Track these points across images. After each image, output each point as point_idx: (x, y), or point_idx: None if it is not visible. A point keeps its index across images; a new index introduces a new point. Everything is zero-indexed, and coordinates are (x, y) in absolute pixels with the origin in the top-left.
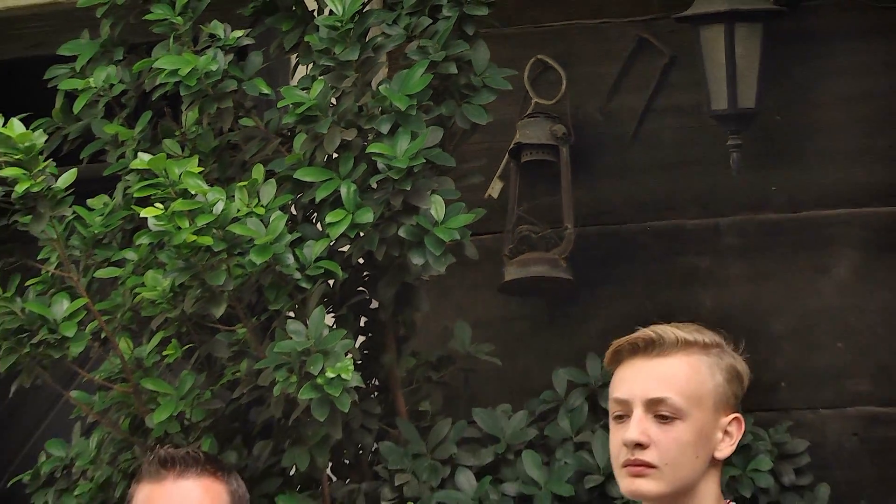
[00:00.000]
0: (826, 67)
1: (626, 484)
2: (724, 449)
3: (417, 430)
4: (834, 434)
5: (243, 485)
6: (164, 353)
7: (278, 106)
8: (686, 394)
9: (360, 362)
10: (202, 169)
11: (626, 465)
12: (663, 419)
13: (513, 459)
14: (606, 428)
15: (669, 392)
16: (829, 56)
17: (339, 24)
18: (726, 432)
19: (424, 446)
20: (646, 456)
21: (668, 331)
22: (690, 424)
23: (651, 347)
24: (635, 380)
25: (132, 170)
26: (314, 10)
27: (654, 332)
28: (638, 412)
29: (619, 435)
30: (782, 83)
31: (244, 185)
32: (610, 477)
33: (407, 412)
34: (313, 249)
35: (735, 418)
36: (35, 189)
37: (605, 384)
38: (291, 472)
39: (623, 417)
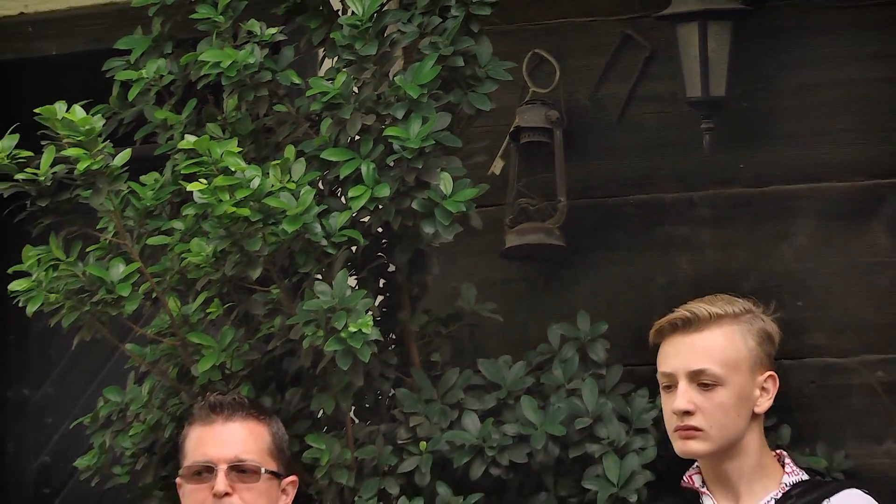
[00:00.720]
0: (787, 60)
1: (679, 446)
2: (763, 404)
3: (429, 378)
4: (794, 382)
5: (283, 427)
6: (208, 310)
7: (307, 94)
8: (723, 362)
9: (378, 319)
10: (241, 149)
11: (677, 429)
12: (705, 387)
13: (513, 404)
14: (595, 377)
15: (708, 363)
16: (790, 50)
17: (359, 23)
18: (763, 388)
19: (435, 392)
20: (693, 421)
21: (702, 308)
22: (730, 388)
23: (688, 325)
24: (677, 355)
25: (179, 150)
26: (338, 10)
27: (689, 310)
28: (682, 383)
29: (669, 404)
30: (749, 74)
31: (277, 164)
32: (598, 419)
33: (420, 362)
34: (338, 220)
35: (770, 375)
36: (95, 167)
37: (595, 338)
38: (319, 415)
39: (670, 388)
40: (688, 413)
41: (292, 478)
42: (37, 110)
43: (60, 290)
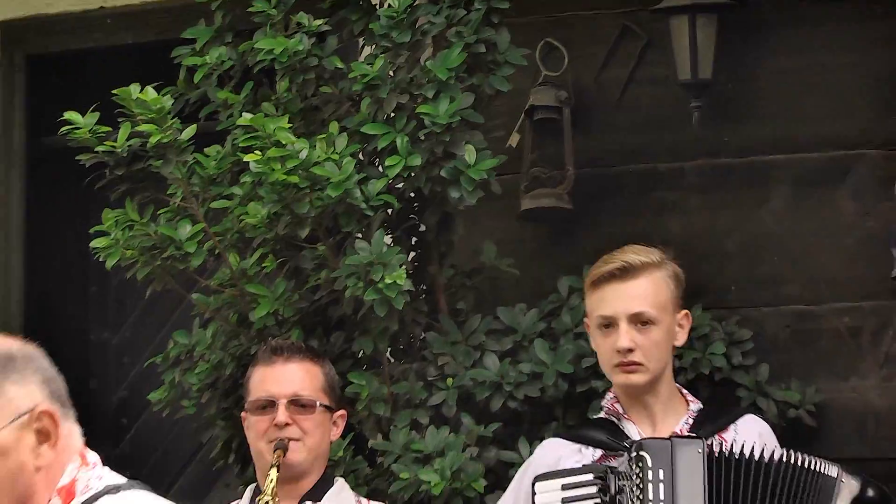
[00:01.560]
0: (766, 48)
1: (622, 379)
2: (681, 338)
3: (455, 323)
4: (771, 326)
5: (333, 368)
6: (263, 265)
7: (349, 77)
8: (655, 304)
9: (410, 272)
10: (291, 125)
11: (619, 365)
12: (643, 325)
13: (527, 346)
14: None
15: (645, 306)
16: (769, 39)
17: (395, 15)
18: (680, 325)
19: (460, 335)
20: (634, 357)
21: (633, 257)
22: (661, 327)
23: (624, 273)
24: (617, 300)
25: (238, 126)
26: (376, 4)
27: (624, 260)
28: (623, 325)
29: (609, 343)
30: (733, 59)
31: (323, 138)
32: None
33: (447, 310)
34: (375, 186)
35: (685, 313)
36: (165, 140)
37: None
38: (360, 356)
39: (609, 327)
40: (630, 350)
41: (342, 412)
42: (114, 91)
43: (135, 248)
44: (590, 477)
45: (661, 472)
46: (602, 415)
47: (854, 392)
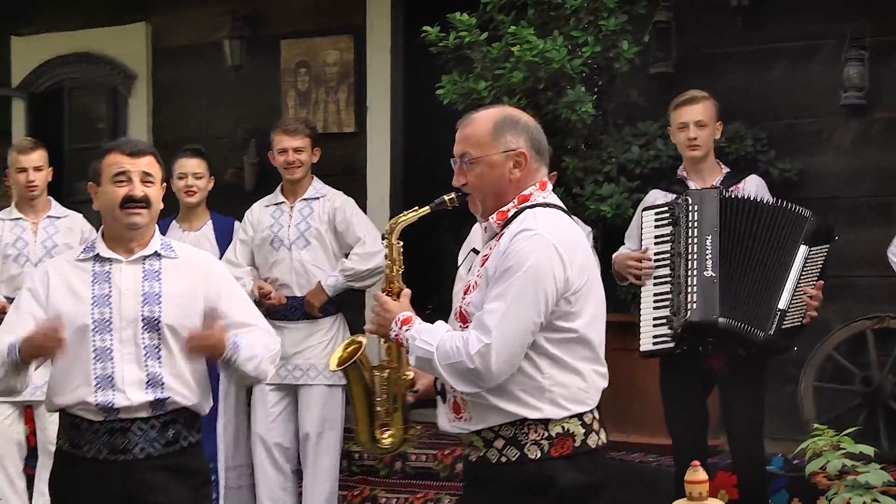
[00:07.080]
0: None
1: (689, 153)
2: (717, 133)
3: (616, 130)
4: (776, 130)
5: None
6: (520, 102)
7: (564, 6)
8: (706, 116)
9: (595, 104)
10: (535, 32)
11: (688, 146)
12: (701, 126)
13: (653, 141)
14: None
15: (701, 116)
16: None
17: None
18: (717, 128)
19: (619, 136)
20: (697, 142)
21: (694, 93)
22: (709, 128)
23: (691, 101)
24: (688, 113)
25: (508, 32)
26: None
27: (690, 94)
28: (691, 126)
29: (683, 135)
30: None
31: (551, 38)
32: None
33: (612, 123)
34: (576, 62)
35: (719, 122)
36: (472, 40)
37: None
38: (569, 147)
39: (683, 129)
40: (694, 138)
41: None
42: (447, 15)
43: (458, 94)
44: (667, 208)
45: (696, 206)
46: (677, 177)
47: (818, 165)
